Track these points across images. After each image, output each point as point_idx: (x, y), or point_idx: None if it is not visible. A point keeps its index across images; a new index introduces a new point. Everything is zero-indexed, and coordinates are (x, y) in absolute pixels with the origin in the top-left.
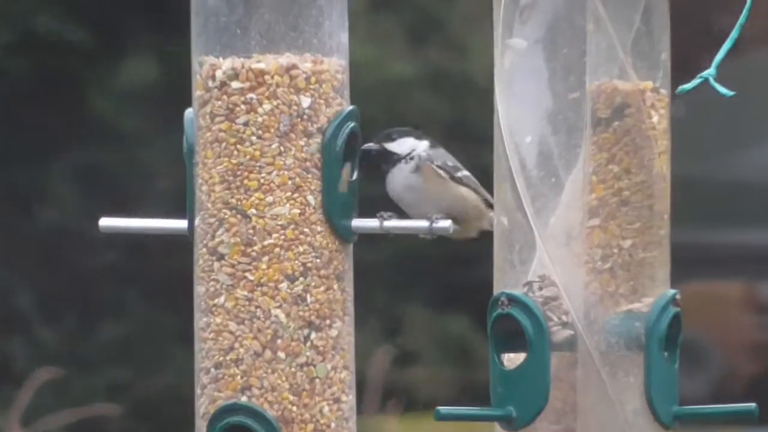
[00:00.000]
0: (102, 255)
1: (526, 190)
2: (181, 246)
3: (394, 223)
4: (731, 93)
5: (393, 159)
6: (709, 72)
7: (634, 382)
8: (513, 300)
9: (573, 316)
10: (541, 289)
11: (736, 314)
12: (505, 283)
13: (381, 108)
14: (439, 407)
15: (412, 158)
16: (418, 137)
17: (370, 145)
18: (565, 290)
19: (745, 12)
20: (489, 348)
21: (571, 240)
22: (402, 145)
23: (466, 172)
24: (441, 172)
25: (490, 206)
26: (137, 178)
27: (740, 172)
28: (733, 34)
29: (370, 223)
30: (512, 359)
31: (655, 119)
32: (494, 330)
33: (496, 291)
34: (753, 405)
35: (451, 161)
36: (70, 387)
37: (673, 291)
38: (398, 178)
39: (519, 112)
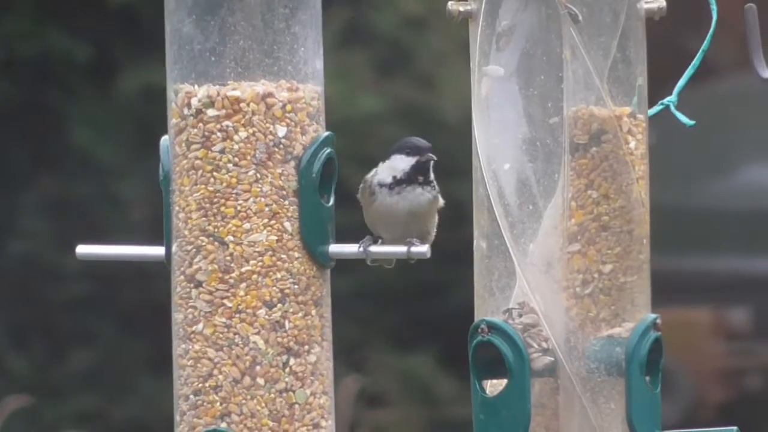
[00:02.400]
0: (73, 284)
1: (504, 218)
2: (152, 275)
3: (374, 249)
4: (691, 122)
5: (422, 180)
6: (670, 99)
7: (615, 407)
8: (493, 327)
9: (553, 343)
10: (520, 315)
11: (705, 341)
12: (485, 310)
13: (350, 142)
14: None
15: (433, 188)
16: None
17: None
18: (545, 317)
19: (708, 39)
20: (470, 375)
21: (550, 266)
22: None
23: None
24: (441, 200)
25: None
26: (110, 209)
27: (709, 200)
28: (695, 61)
29: (347, 249)
30: (495, 385)
31: (632, 144)
32: (475, 357)
33: (476, 318)
34: (735, 428)
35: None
36: (41, 415)
37: (653, 315)
38: (410, 198)
39: (496, 139)
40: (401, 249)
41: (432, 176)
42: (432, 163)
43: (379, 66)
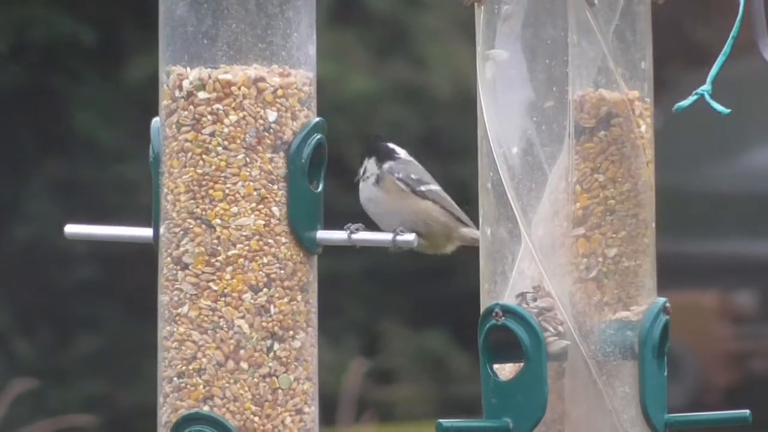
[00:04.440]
0: (79, 268)
1: (517, 201)
2: (156, 258)
3: (359, 236)
4: (727, 111)
5: (364, 172)
6: (705, 88)
7: (629, 391)
8: (507, 311)
9: (569, 326)
10: (535, 299)
11: (711, 324)
12: (496, 294)
13: (347, 123)
14: (441, 420)
15: (369, 177)
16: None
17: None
18: (560, 300)
19: (736, 25)
20: (480, 359)
21: (556, 250)
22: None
23: (433, 187)
24: (401, 185)
25: (462, 222)
26: (116, 192)
27: (715, 183)
28: (726, 48)
29: (335, 235)
30: (498, 369)
31: (642, 128)
32: (486, 341)
33: (484, 303)
34: (747, 411)
35: (416, 174)
36: (46, 399)
37: (663, 299)
38: (364, 189)
39: (504, 122)
40: (387, 237)
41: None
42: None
43: (373, 46)
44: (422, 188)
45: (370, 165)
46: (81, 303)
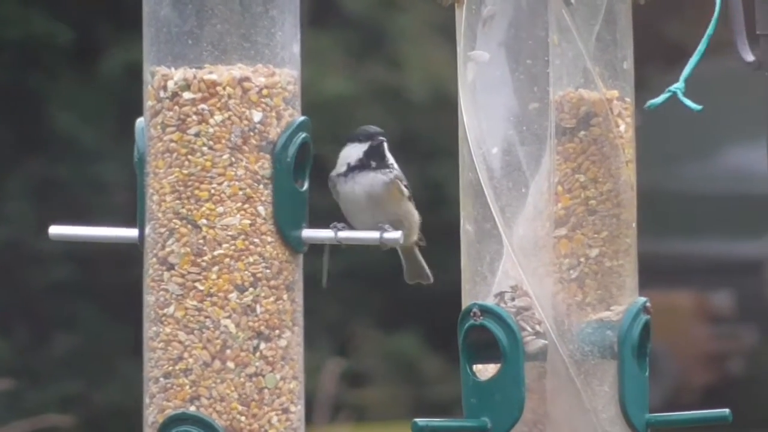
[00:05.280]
0: (55, 268)
1: (495, 202)
2: (134, 259)
3: (345, 234)
4: (699, 108)
5: (376, 164)
6: (677, 86)
7: (608, 390)
8: (486, 311)
9: (546, 326)
10: (513, 299)
11: (688, 324)
12: (475, 294)
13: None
14: (417, 419)
15: (390, 171)
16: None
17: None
18: (537, 300)
19: (712, 24)
20: (460, 359)
21: (538, 250)
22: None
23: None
24: (405, 189)
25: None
26: (93, 192)
27: (691, 183)
28: (701, 47)
29: (321, 234)
30: (480, 370)
31: (622, 128)
32: (466, 341)
33: (465, 302)
34: (727, 411)
35: (404, 178)
36: (23, 399)
37: (643, 299)
38: (364, 183)
39: (484, 123)
40: (374, 235)
41: (390, 160)
42: (385, 145)
43: (349, 48)
44: (410, 193)
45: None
46: (57, 303)
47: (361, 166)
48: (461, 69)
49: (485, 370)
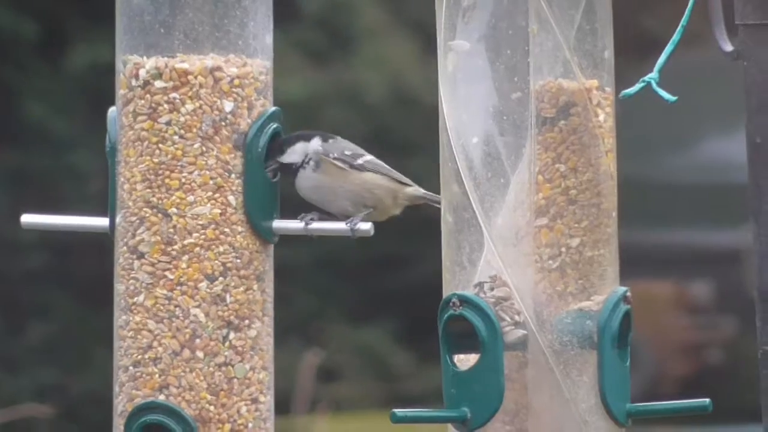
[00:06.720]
0: (30, 257)
1: (474, 192)
2: (108, 247)
3: (316, 225)
4: (674, 98)
5: (293, 169)
6: (652, 76)
7: (587, 380)
8: (465, 301)
9: (525, 316)
10: (492, 289)
11: (667, 314)
12: (455, 284)
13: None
14: (395, 410)
15: (309, 161)
16: (307, 138)
17: (269, 165)
18: (517, 290)
19: (686, 14)
20: (440, 349)
21: (519, 240)
22: (293, 154)
23: (369, 157)
24: (338, 163)
25: (404, 183)
26: (67, 181)
27: (671, 173)
28: (675, 37)
29: (291, 224)
30: (462, 360)
31: (601, 117)
32: (446, 331)
33: (445, 292)
34: (707, 400)
35: (349, 150)
36: None
37: (623, 288)
38: (304, 183)
39: (464, 114)
40: (344, 226)
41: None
42: (272, 169)
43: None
44: (359, 161)
45: (297, 152)
46: (32, 292)
47: (289, 170)
48: (441, 59)
49: (467, 360)
